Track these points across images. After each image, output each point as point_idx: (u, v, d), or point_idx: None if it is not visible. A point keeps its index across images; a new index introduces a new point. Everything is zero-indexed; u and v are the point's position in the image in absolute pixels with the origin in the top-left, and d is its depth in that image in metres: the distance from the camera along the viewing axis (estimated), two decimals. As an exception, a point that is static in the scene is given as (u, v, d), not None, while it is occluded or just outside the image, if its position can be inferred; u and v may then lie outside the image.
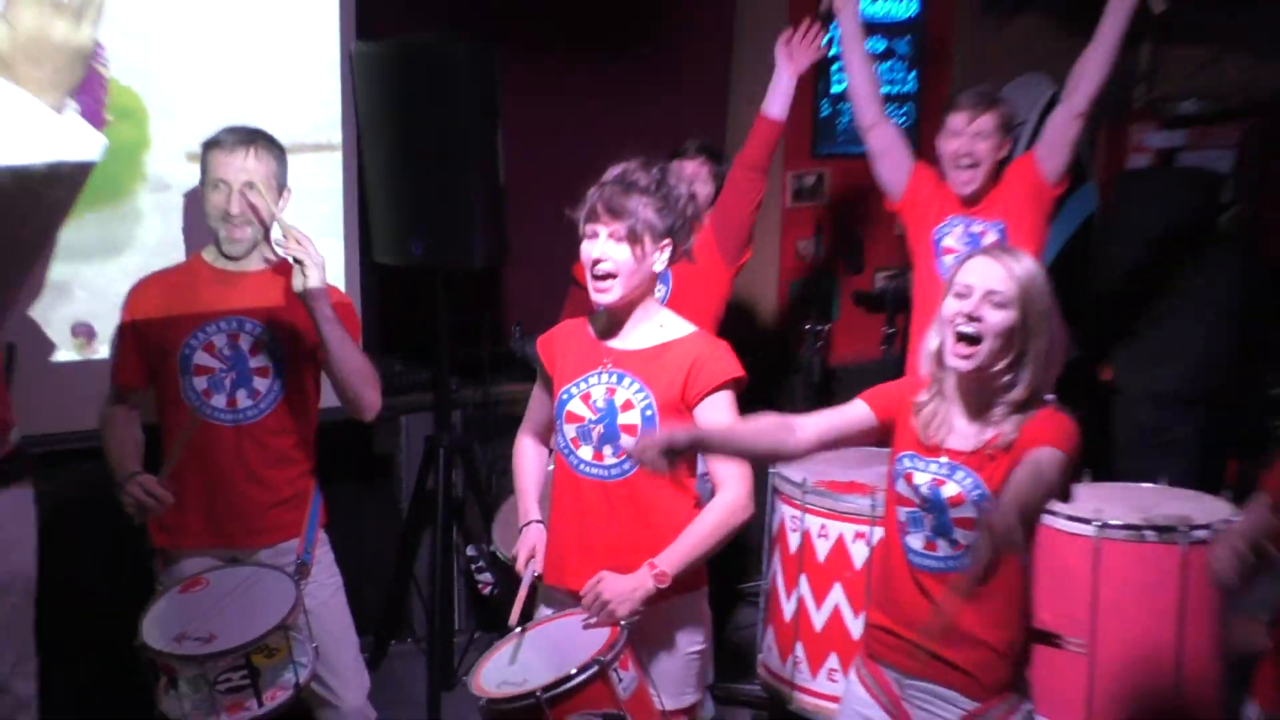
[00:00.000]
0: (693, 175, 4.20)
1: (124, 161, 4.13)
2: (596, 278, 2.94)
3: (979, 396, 2.70)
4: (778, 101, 4.30)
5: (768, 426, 2.84)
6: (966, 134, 4.16)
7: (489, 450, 4.94)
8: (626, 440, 2.93)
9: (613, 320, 3.04)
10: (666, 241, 2.95)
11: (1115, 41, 4.14)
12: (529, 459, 3.29)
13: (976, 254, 2.72)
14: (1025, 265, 2.66)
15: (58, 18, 2.19)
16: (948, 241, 4.23)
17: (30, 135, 1.76)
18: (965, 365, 2.64)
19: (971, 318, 2.61)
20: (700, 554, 2.95)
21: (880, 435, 2.90)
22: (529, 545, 3.14)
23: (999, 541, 2.30)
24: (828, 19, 4.39)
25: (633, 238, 2.89)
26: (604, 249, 2.91)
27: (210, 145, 3.33)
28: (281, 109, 4.24)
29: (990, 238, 4.14)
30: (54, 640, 3.43)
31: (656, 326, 3.04)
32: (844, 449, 2.94)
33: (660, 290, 4.17)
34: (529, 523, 3.19)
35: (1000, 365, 2.64)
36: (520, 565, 3.13)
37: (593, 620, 2.87)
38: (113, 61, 4.05)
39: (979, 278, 2.65)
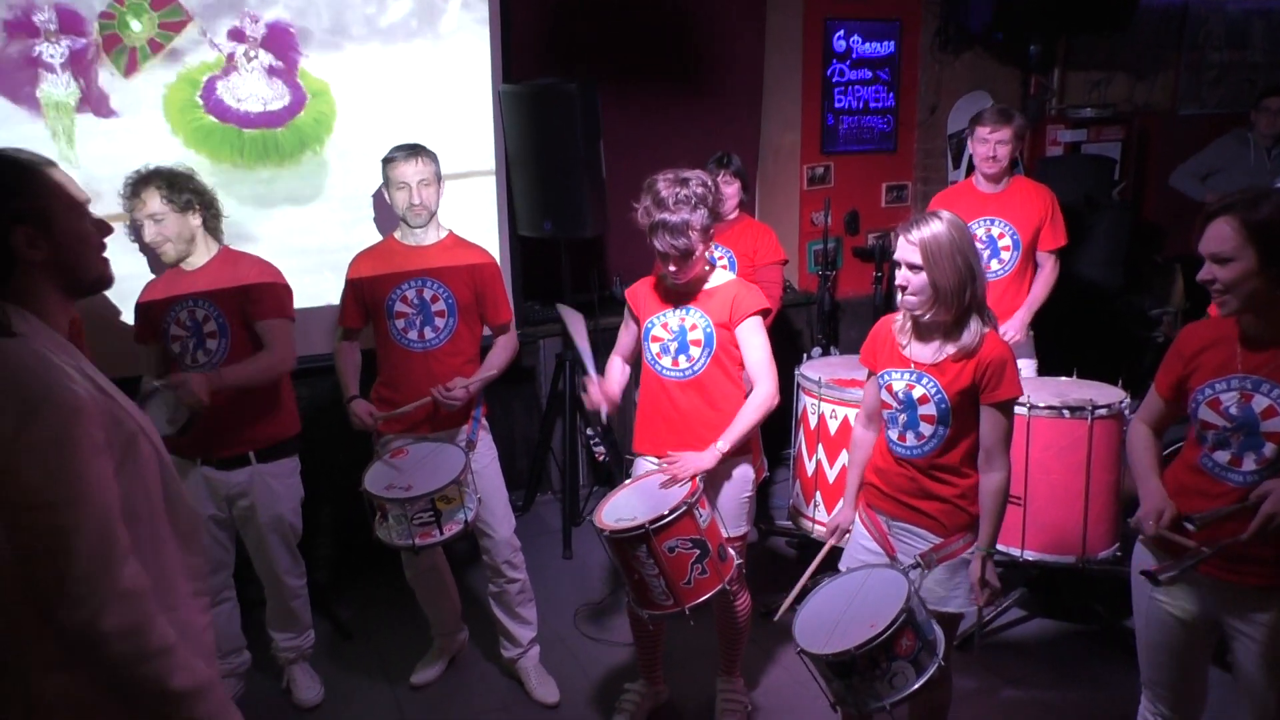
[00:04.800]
0: (726, 187, 4.15)
1: (319, 129, 4.05)
2: (672, 275, 2.93)
3: (921, 323, 2.57)
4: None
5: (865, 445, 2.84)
6: (991, 141, 4.03)
7: (599, 363, 4.88)
8: (694, 350, 2.94)
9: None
10: (711, 234, 2.91)
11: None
12: (617, 369, 3.23)
13: (900, 231, 2.54)
14: (924, 233, 2.48)
15: None
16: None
17: None
18: (906, 306, 2.56)
19: (902, 286, 2.53)
20: (745, 432, 2.93)
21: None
22: (599, 392, 3.06)
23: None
24: None
25: (688, 255, 2.86)
26: (674, 264, 2.89)
27: (389, 160, 3.27)
28: (459, 139, 4.25)
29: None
30: (317, 488, 3.48)
31: (710, 276, 3.01)
32: (848, 357, 2.87)
33: (724, 260, 4.14)
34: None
35: (925, 305, 2.52)
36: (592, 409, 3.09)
37: (673, 479, 2.87)
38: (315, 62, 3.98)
39: (901, 253, 2.52)
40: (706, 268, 3.02)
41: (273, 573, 3.34)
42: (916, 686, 2.32)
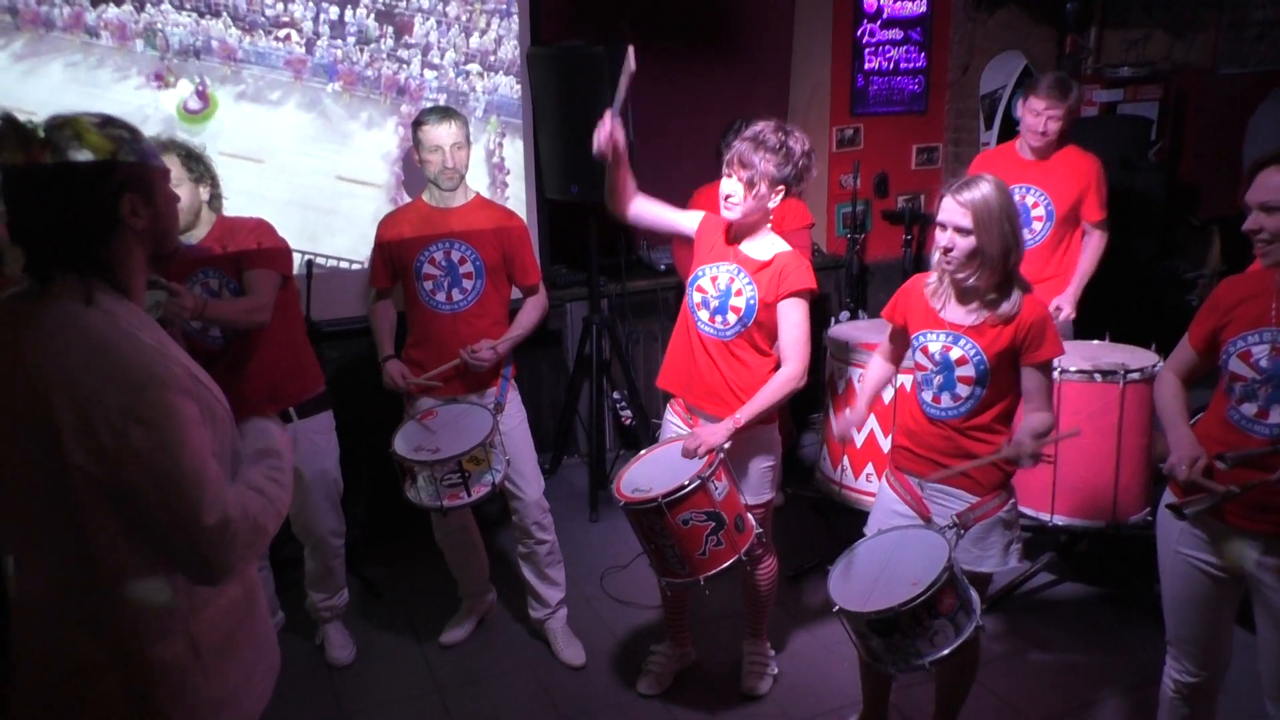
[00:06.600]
0: None
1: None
2: (725, 203, 2.86)
3: (961, 286, 2.58)
4: None
5: None
6: (1043, 116, 3.93)
7: (626, 326, 4.92)
8: (731, 316, 2.91)
9: (740, 232, 2.94)
10: (780, 187, 2.84)
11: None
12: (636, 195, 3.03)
13: (946, 194, 2.53)
14: (975, 196, 2.48)
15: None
16: None
17: None
18: (947, 268, 2.56)
19: (946, 249, 2.51)
20: (765, 409, 2.88)
21: (897, 335, 2.83)
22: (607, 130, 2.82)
23: None
24: None
25: (751, 184, 2.80)
26: (732, 187, 2.83)
27: (420, 124, 3.24)
28: (487, 96, 4.32)
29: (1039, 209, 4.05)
30: (349, 448, 3.48)
31: (767, 244, 2.94)
32: (876, 321, 2.83)
33: None
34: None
35: (968, 269, 2.52)
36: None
37: (694, 454, 2.84)
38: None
39: (947, 215, 2.51)
40: (764, 228, 2.96)
41: (317, 534, 3.36)
42: (958, 643, 2.33)
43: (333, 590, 3.51)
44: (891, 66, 5.43)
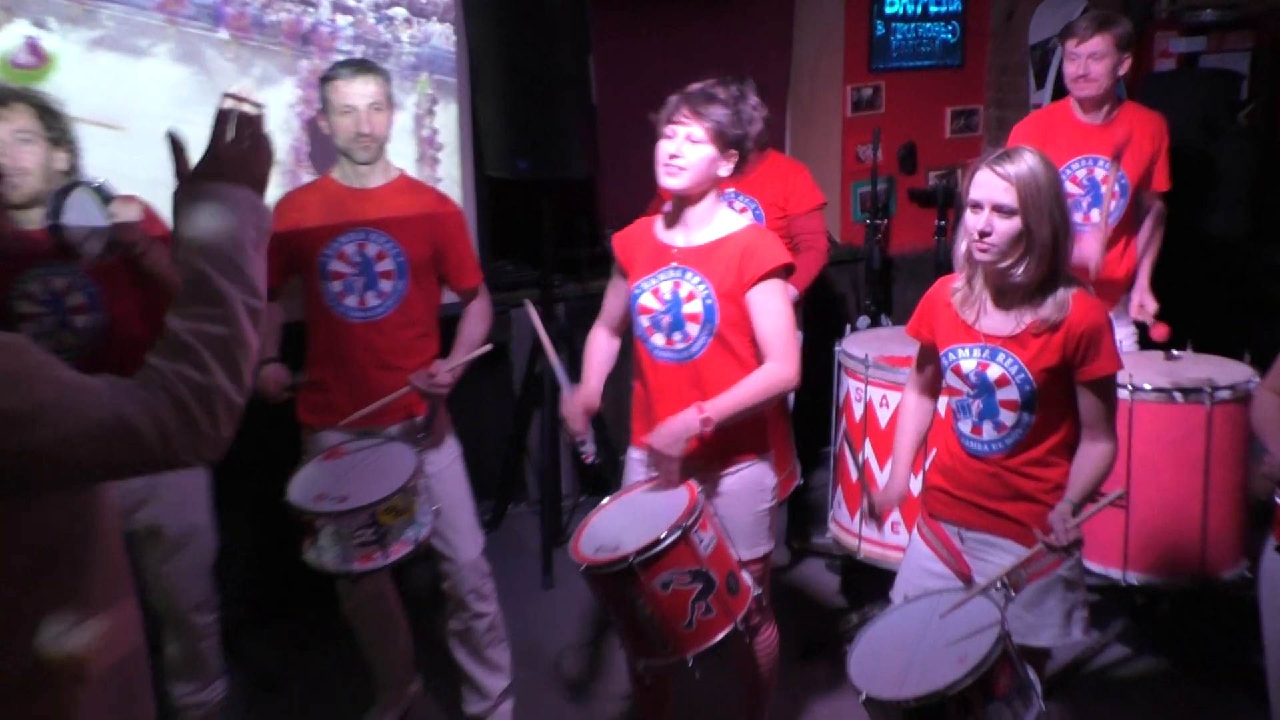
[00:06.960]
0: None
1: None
2: (669, 167, 2.81)
3: (1001, 284, 2.56)
4: None
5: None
6: (1081, 56, 3.91)
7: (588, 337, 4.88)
8: (691, 327, 2.87)
9: (678, 216, 2.92)
10: (733, 152, 2.83)
11: None
12: (599, 348, 3.19)
13: (982, 167, 2.52)
14: (1020, 169, 2.47)
15: None
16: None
17: None
18: (984, 258, 2.52)
19: (984, 233, 2.48)
20: (743, 408, 2.82)
21: (928, 356, 2.82)
22: (576, 405, 3.08)
23: None
24: None
25: (700, 141, 2.78)
26: (679, 146, 2.79)
27: (329, 80, 3.21)
28: (415, 48, 4.32)
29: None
30: (228, 497, 3.42)
31: (715, 224, 2.91)
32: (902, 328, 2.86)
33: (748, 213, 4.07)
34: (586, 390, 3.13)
35: (1011, 259, 2.50)
36: (571, 427, 3.08)
37: (656, 471, 2.82)
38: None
39: (985, 192, 2.49)
40: (709, 205, 2.92)
41: (177, 609, 3.28)
42: None
43: (203, 681, 3.40)
44: (919, 10, 5.47)
